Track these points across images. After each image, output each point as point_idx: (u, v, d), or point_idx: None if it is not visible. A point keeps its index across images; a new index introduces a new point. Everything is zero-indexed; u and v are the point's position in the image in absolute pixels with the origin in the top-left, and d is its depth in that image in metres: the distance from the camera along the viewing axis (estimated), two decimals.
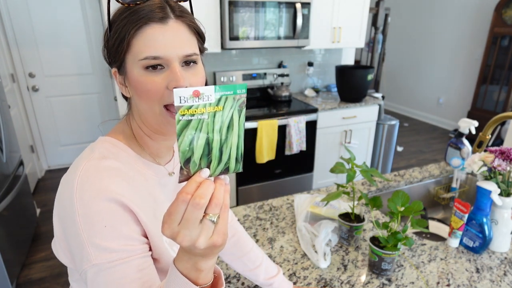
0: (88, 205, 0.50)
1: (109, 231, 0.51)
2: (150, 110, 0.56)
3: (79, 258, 0.51)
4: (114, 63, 0.57)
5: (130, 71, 0.55)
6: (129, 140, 0.62)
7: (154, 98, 0.54)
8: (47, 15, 3.18)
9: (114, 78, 0.60)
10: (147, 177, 0.61)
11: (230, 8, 2.41)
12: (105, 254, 0.50)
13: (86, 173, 0.52)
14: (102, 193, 0.51)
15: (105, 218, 0.51)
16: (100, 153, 0.57)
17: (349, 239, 1.08)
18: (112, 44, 0.55)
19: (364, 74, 2.84)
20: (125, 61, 0.55)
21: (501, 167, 1.03)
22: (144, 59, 0.53)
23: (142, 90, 0.54)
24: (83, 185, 0.51)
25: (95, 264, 0.50)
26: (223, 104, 0.40)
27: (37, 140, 3.51)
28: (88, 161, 0.54)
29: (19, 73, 3.25)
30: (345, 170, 1.03)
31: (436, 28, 5.04)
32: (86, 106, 3.60)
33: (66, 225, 0.52)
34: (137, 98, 0.57)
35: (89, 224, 0.50)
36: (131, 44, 0.53)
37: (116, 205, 0.52)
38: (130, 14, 0.53)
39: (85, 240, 0.50)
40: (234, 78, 2.93)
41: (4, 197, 1.97)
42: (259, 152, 2.60)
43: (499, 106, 4.28)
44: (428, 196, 1.59)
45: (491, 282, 0.94)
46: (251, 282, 0.93)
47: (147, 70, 0.53)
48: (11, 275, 1.92)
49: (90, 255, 0.50)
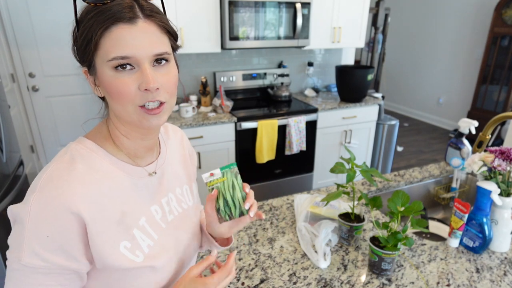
0: (40, 210, 0.51)
1: (50, 242, 0.51)
2: (124, 110, 0.56)
3: (11, 249, 0.52)
4: (83, 62, 0.57)
5: (100, 71, 0.54)
6: (105, 141, 0.62)
7: (127, 99, 0.54)
8: (47, 15, 3.18)
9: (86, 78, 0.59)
10: (118, 179, 0.60)
11: (230, 8, 2.41)
12: (36, 260, 0.51)
13: (50, 177, 0.53)
14: (56, 202, 0.51)
15: (51, 227, 0.51)
16: (71, 156, 0.57)
17: (349, 239, 1.08)
18: (80, 44, 0.54)
19: (364, 74, 2.84)
20: (94, 62, 0.54)
21: (501, 167, 1.03)
22: (112, 60, 0.52)
23: (114, 92, 0.54)
24: (43, 189, 0.52)
25: (22, 264, 0.51)
26: (226, 175, 0.67)
27: (37, 140, 3.51)
28: (56, 164, 0.55)
29: (19, 73, 3.25)
30: (345, 170, 1.03)
31: (436, 28, 5.04)
32: (86, 106, 3.60)
33: (16, 217, 0.53)
34: (110, 99, 0.56)
35: (34, 228, 0.51)
36: (99, 44, 0.52)
37: (66, 217, 0.52)
38: (97, 14, 0.52)
39: (25, 239, 0.51)
40: (234, 78, 2.93)
41: (4, 197, 1.96)
42: (259, 152, 2.60)
43: (499, 106, 4.28)
44: (428, 196, 1.59)
45: (491, 282, 0.94)
46: (251, 282, 0.93)
47: (116, 70, 0.53)
48: None
49: (22, 254, 0.51)
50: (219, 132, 2.50)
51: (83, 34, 0.53)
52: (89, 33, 0.52)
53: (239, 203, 0.67)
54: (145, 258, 0.61)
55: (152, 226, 0.64)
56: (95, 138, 0.61)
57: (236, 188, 0.67)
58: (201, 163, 2.53)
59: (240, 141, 2.59)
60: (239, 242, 1.10)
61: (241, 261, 1.02)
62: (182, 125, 2.34)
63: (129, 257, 0.59)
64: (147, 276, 0.61)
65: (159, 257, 0.63)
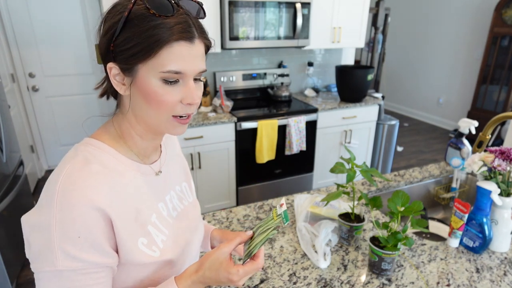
0: (66, 212, 0.51)
1: (82, 241, 0.52)
2: (157, 117, 0.58)
3: (41, 259, 0.52)
4: (119, 61, 0.56)
5: (144, 78, 0.55)
6: (115, 141, 0.62)
7: (166, 109, 0.57)
8: (47, 15, 3.18)
9: (108, 71, 0.57)
10: (131, 177, 0.62)
11: (230, 8, 2.41)
12: (71, 262, 0.52)
13: (68, 179, 0.53)
14: (81, 201, 0.52)
15: (80, 227, 0.52)
16: (84, 156, 0.57)
17: (349, 239, 1.08)
18: (127, 44, 0.54)
19: (364, 74, 2.84)
20: (139, 66, 0.55)
21: (501, 167, 1.03)
22: (166, 72, 0.54)
23: (156, 100, 0.56)
24: (64, 191, 0.52)
25: (59, 269, 0.51)
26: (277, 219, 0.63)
27: (37, 140, 3.51)
28: (72, 165, 0.55)
29: (19, 73, 3.25)
30: (345, 170, 1.03)
31: (436, 28, 5.04)
32: (86, 106, 3.60)
33: (39, 224, 0.52)
34: (144, 104, 0.58)
35: (64, 230, 0.51)
36: (157, 54, 0.53)
37: (93, 214, 0.53)
38: (160, 25, 0.53)
39: (56, 244, 0.51)
40: (234, 78, 2.93)
41: (4, 197, 1.97)
42: (259, 152, 2.60)
43: (499, 106, 4.28)
44: (428, 196, 1.59)
45: (491, 282, 0.94)
46: (251, 282, 0.93)
47: (164, 82, 0.55)
48: (11, 275, 1.92)
49: (56, 260, 0.51)
50: (219, 132, 2.50)
51: (137, 39, 0.53)
52: (147, 40, 0.53)
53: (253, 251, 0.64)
54: (161, 253, 0.62)
55: (161, 222, 0.66)
56: (103, 138, 0.62)
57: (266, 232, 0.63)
58: (201, 163, 2.53)
59: (240, 141, 2.59)
60: None
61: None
62: None
63: (147, 252, 0.60)
64: (163, 270, 0.63)
65: (173, 251, 0.65)
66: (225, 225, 1.19)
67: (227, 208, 1.29)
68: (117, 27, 0.54)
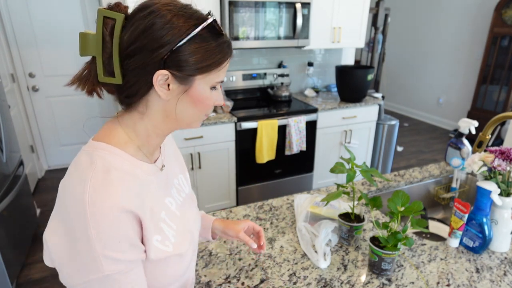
0: (101, 220, 0.53)
1: (121, 244, 0.55)
2: (197, 116, 0.66)
3: (83, 269, 0.54)
4: (178, 70, 0.58)
5: (199, 86, 0.61)
6: (124, 142, 0.63)
7: (207, 110, 0.65)
8: (47, 15, 3.18)
9: (154, 76, 0.57)
10: (143, 178, 0.63)
11: (230, 8, 2.41)
12: (116, 265, 0.55)
13: (95, 188, 0.54)
14: (113, 207, 0.54)
15: (117, 232, 0.55)
16: (101, 164, 0.57)
17: (349, 239, 1.08)
18: (193, 56, 0.58)
19: (364, 74, 2.84)
20: (196, 76, 0.60)
21: (501, 167, 1.03)
22: (219, 82, 0.64)
23: (204, 104, 0.63)
24: (95, 201, 0.53)
25: (105, 275, 0.54)
26: None
27: (37, 140, 3.51)
28: (94, 175, 0.55)
29: (19, 73, 3.25)
30: (345, 170, 1.03)
31: (436, 28, 5.04)
32: (86, 106, 3.60)
33: (74, 238, 0.54)
34: (188, 106, 0.63)
35: (103, 238, 0.53)
36: (218, 68, 0.61)
37: (126, 217, 0.56)
38: (225, 42, 0.61)
39: (99, 253, 0.53)
40: (234, 78, 2.93)
41: (4, 197, 1.97)
42: (259, 152, 2.60)
43: (499, 106, 4.28)
44: (428, 196, 1.59)
45: (491, 282, 0.94)
46: (251, 282, 0.93)
47: (211, 89, 0.64)
48: (11, 275, 1.92)
49: (102, 266, 0.54)
50: (219, 132, 2.50)
51: (207, 54, 0.59)
52: (216, 56, 0.60)
53: None
54: (174, 247, 0.66)
55: (169, 217, 0.68)
56: (113, 142, 0.62)
57: None
58: (201, 163, 2.53)
59: (240, 141, 2.59)
60: (239, 242, 1.10)
61: (241, 261, 1.02)
62: None
63: (162, 248, 0.64)
64: (174, 262, 0.67)
65: (182, 244, 0.68)
66: None
67: (227, 208, 1.29)
68: (178, 38, 0.56)
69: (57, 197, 0.58)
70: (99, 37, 0.56)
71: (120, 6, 0.58)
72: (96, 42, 0.57)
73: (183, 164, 0.86)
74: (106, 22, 0.56)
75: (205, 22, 0.58)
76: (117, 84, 0.59)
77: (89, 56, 0.59)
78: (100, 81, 0.59)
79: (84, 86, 0.60)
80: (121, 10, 0.58)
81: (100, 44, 0.57)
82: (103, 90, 0.63)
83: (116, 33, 0.56)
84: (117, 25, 0.56)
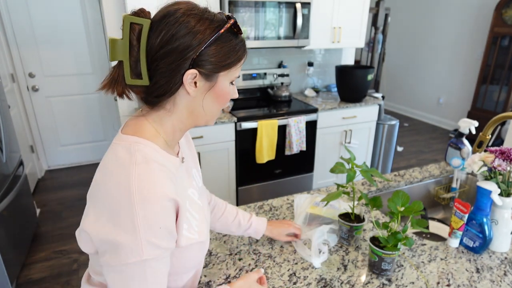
0: (147, 208, 0.57)
1: (163, 231, 0.60)
2: (218, 110, 0.72)
3: (124, 253, 0.58)
4: (205, 68, 0.63)
5: (222, 83, 0.67)
6: (154, 136, 0.67)
7: (226, 103, 0.71)
8: (47, 15, 3.18)
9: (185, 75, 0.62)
10: (173, 170, 0.68)
11: (230, 8, 2.41)
12: (154, 251, 0.59)
13: (140, 178, 0.58)
14: (158, 196, 0.59)
15: (161, 219, 0.59)
16: (142, 156, 0.62)
17: (349, 239, 1.08)
18: (217, 55, 0.63)
19: (364, 74, 2.84)
20: (220, 73, 0.66)
21: (501, 167, 1.03)
22: (237, 77, 0.70)
23: (225, 98, 0.70)
24: (142, 190, 0.58)
25: (144, 259, 0.58)
26: None
27: (37, 140, 3.51)
28: (136, 165, 0.60)
29: (19, 73, 3.25)
30: (345, 170, 1.03)
31: (436, 28, 5.04)
32: (86, 106, 3.60)
33: (119, 224, 0.58)
34: (213, 102, 0.69)
35: (148, 225, 0.58)
36: (238, 64, 0.67)
37: (169, 205, 0.61)
38: (242, 41, 0.67)
39: (142, 239, 0.57)
40: None
41: (4, 197, 1.97)
42: (259, 152, 2.60)
43: (499, 106, 4.28)
44: (428, 196, 1.59)
45: (491, 282, 0.94)
46: None
47: (230, 83, 0.70)
48: (11, 275, 1.92)
49: (142, 251, 0.58)
50: (219, 132, 2.50)
51: (229, 53, 0.64)
52: (237, 54, 0.66)
53: None
54: (198, 236, 0.71)
55: (193, 207, 0.73)
56: (145, 136, 0.66)
57: None
58: (201, 163, 2.53)
59: (240, 141, 2.59)
60: (239, 242, 1.10)
61: (241, 261, 1.02)
62: None
63: (189, 236, 0.69)
64: (197, 250, 0.73)
65: (204, 233, 0.74)
66: None
67: None
68: (204, 40, 0.61)
69: (95, 189, 0.62)
70: (126, 42, 0.60)
71: (144, 12, 0.62)
72: (124, 47, 0.60)
73: (196, 157, 0.90)
74: (133, 27, 0.60)
75: (227, 23, 0.64)
76: (145, 86, 0.63)
77: (118, 60, 0.62)
78: (128, 83, 0.62)
79: (114, 90, 0.64)
80: (146, 16, 0.61)
81: (127, 49, 0.60)
82: (131, 92, 0.66)
83: (143, 38, 0.60)
84: (144, 30, 0.60)
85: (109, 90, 0.64)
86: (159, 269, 0.62)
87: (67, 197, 3.06)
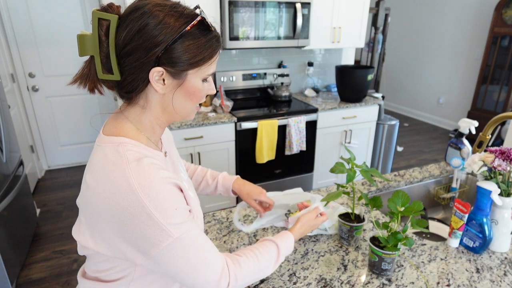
0: (155, 197, 0.59)
1: (179, 210, 0.62)
2: (190, 107, 0.70)
3: (156, 240, 0.60)
4: (171, 66, 0.61)
5: (192, 80, 0.65)
6: (136, 134, 0.67)
7: (199, 101, 0.70)
8: (47, 15, 3.18)
9: (150, 73, 0.61)
10: (163, 163, 0.69)
11: (230, 8, 2.41)
12: (181, 227, 0.62)
13: (138, 174, 0.59)
14: (161, 182, 0.60)
15: (172, 201, 0.61)
16: (131, 155, 0.62)
17: (349, 239, 1.08)
18: (186, 53, 0.61)
19: (364, 74, 2.84)
20: (189, 71, 0.64)
21: (501, 167, 1.03)
22: (210, 74, 0.67)
23: (197, 95, 0.68)
24: (143, 184, 0.58)
25: (177, 237, 0.61)
26: None
27: (37, 140, 3.51)
28: (129, 164, 0.60)
29: (19, 73, 3.25)
30: (345, 170, 1.03)
31: (436, 28, 5.04)
32: (86, 106, 3.60)
33: (134, 221, 0.59)
34: (183, 99, 0.67)
35: (163, 211, 0.59)
36: (209, 62, 0.65)
37: (174, 187, 0.63)
38: (214, 37, 0.64)
39: (163, 225, 0.59)
40: (234, 78, 2.93)
41: (4, 197, 1.97)
42: (259, 152, 2.60)
43: (499, 106, 4.28)
44: (428, 196, 1.59)
45: (491, 282, 0.94)
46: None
47: (203, 81, 0.68)
48: (11, 275, 1.92)
49: (170, 233, 0.60)
50: (219, 132, 2.50)
51: (198, 50, 0.62)
52: (206, 51, 0.63)
53: None
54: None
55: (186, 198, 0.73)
56: (128, 134, 0.66)
57: None
58: (201, 163, 2.53)
59: (240, 141, 2.59)
60: (239, 242, 1.10)
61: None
62: (182, 125, 2.34)
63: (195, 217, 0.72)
64: None
65: (197, 221, 0.74)
66: (225, 225, 1.19)
67: (227, 208, 1.29)
68: (170, 37, 0.59)
69: (90, 196, 0.61)
70: (95, 38, 0.59)
71: (113, 7, 0.61)
72: (93, 42, 0.59)
73: (177, 152, 0.91)
74: (101, 23, 0.59)
75: (194, 20, 0.61)
76: (116, 81, 0.63)
77: (88, 55, 0.61)
78: (100, 78, 0.62)
79: (86, 84, 0.64)
80: (114, 11, 0.60)
81: (97, 44, 0.60)
82: (103, 87, 0.66)
83: (112, 34, 0.59)
84: (111, 26, 0.59)
85: (81, 84, 0.64)
86: (196, 233, 0.65)
87: (67, 197, 3.06)
